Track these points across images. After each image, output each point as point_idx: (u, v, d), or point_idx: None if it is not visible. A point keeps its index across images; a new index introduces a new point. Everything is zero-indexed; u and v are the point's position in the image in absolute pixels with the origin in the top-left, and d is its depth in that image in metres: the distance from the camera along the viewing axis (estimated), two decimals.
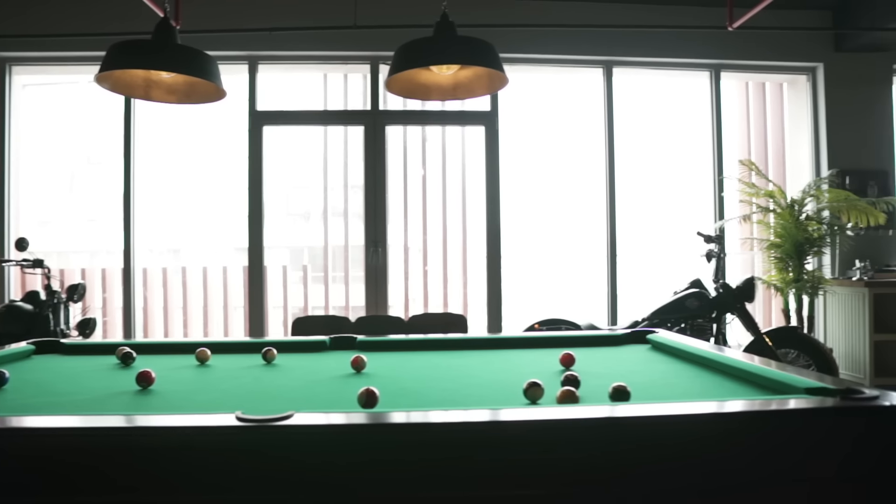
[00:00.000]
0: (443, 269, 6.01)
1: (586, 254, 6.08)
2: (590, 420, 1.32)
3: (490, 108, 5.76)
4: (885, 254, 6.15)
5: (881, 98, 6.28)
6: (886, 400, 1.38)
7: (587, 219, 6.10)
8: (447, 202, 5.98)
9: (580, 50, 5.80)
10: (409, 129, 5.92)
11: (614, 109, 5.98)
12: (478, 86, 2.39)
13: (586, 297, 6.07)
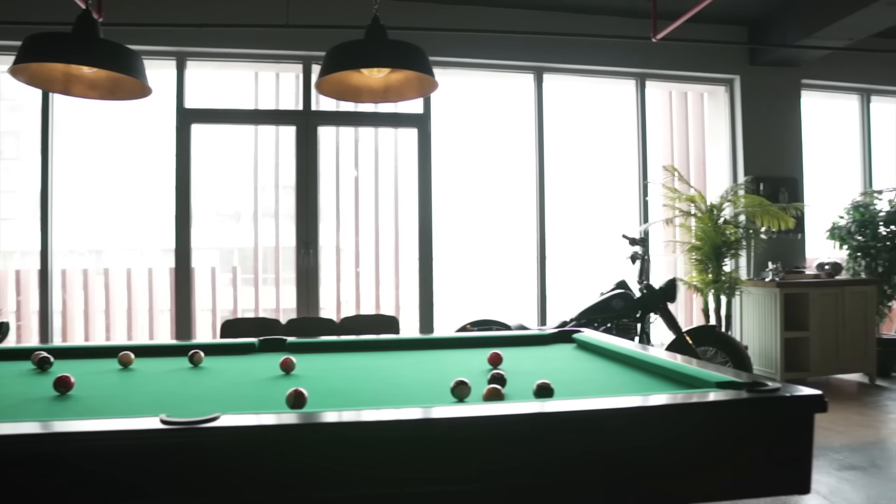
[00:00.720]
0: (375, 271, 6.01)
1: (517, 255, 6.19)
2: (512, 416, 1.37)
3: (423, 111, 5.80)
4: (794, 256, 6.52)
5: (791, 110, 6.66)
6: (786, 392, 1.49)
7: (518, 221, 6.21)
8: (379, 203, 5.98)
9: (512, 55, 5.91)
10: (341, 130, 5.89)
11: (545, 114, 6.11)
12: (408, 89, 2.42)
13: (517, 298, 6.18)
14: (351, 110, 5.73)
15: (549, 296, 6.02)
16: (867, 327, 5.99)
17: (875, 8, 5.25)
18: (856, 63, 6.75)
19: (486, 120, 6.56)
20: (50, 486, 1.18)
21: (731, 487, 1.49)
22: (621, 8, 5.95)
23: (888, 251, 6.41)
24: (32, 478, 1.18)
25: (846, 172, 7.28)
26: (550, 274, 6.06)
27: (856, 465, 3.72)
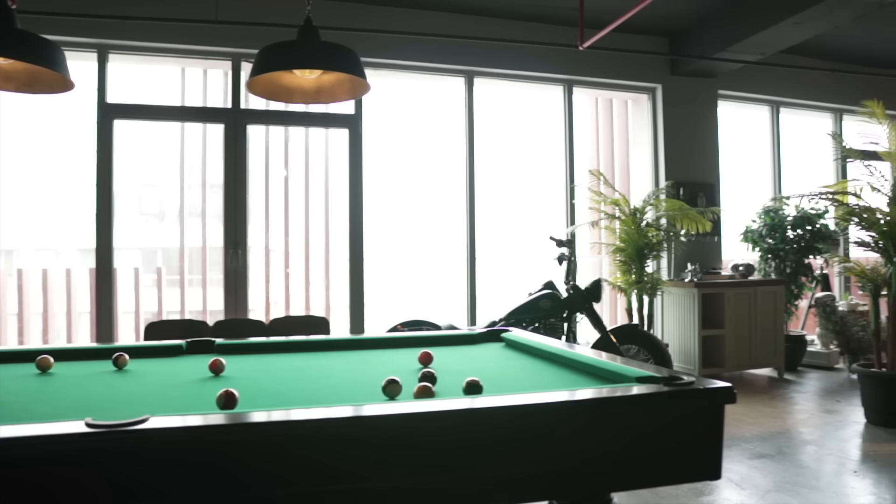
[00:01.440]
0: (305, 272, 5.94)
1: (448, 256, 6.25)
2: (442, 412, 1.41)
3: (354, 112, 5.79)
4: (711, 258, 6.85)
5: (709, 118, 7.00)
6: (700, 385, 1.59)
7: (449, 222, 6.27)
8: (310, 204, 5.92)
9: (444, 59, 5.98)
10: (271, 129, 5.81)
11: (475, 117, 6.21)
12: (340, 91, 2.43)
13: (447, 299, 6.25)
14: (281, 109, 5.65)
15: (479, 296, 6.11)
16: (776, 325, 6.35)
17: (783, 26, 5.60)
18: (767, 76, 7.16)
19: (419, 122, 6.60)
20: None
21: (650, 476, 1.59)
22: (550, 16, 6.10)
23: (795, 253, 6.82)
24: None
25: (758, 179, 7.70)
26: (480, 274, 6.15)
27: (765, 453, 3.95)
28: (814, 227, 6.81)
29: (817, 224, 6.81)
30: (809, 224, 6.81)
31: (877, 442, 4.23)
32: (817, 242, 6.80)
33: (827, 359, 6.86)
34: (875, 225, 4.59)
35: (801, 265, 6.87)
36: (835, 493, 3.31)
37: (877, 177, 4.62)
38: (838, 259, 6.23)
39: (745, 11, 5.86)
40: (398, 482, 1.33)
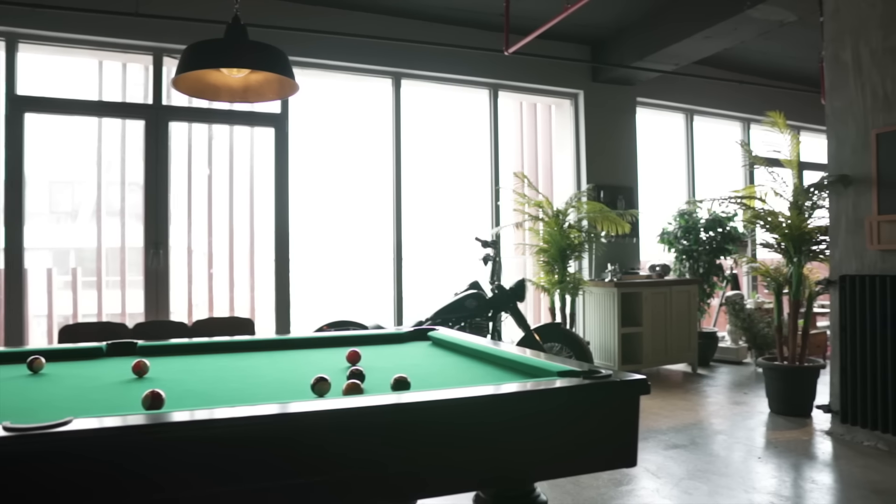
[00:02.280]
0: (229, 272, 5.82)
1: (375, 257, 6.26)
2: (371, 408, 1.44)
3: (280, 111, 5.73)
4: (629, 258, 7.13)
5: (627, 124, 7.29)
6: (616, 377, 1.68)
7: (376, 223, 6.29)
8: (234, 203, 5.80)
9: (371, 60, 5.99)
10: (194, 126, 5.67)
11: (402, 118, 6.25)
12: (268, 90, 2.43)
13: (374, 299, 6.26)
14: (205, 107, 5.52)
15: (406, 296, 6.16)
16: (690, 322, 6.68)
17: (695, 39, 5.91)
18: (681, 86, 7.52)
19: (346, 122, 6.58)
20: None
21: (572, 465, 1.66)
22: (477, 21, 6.21)
23: (707, 254, 7.18)
24: None
25: (674, 183, 8.07)
26: (407, 275, 6.20)
27: (679, 443, 4.16)
28: (724, 230, 7.19)
29: (727, 226, 7.20)
30: (720, 226, 7.19)
31: (779, 429, 4.53)
32: (727, 244, 7.18)
33: (736, 354, 7.26)
34: (778, 228, 4.90)
35: (712, 265, 7.24)
36: (741, 478, 3.53)
37: (779, 183, 4.94)
38: (746, 260, 6.61)
39: (661, 24, 6.14)
40: (326, 476, 1.34)
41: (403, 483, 1.43)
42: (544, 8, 5.61)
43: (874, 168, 4.13)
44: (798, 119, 8.14)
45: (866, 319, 4.06)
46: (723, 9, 5.42)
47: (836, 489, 3.43)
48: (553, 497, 3.18)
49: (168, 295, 5.29)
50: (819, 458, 3.91)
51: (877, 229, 4.11)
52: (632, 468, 3.61)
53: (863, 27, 4.25)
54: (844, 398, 4.20)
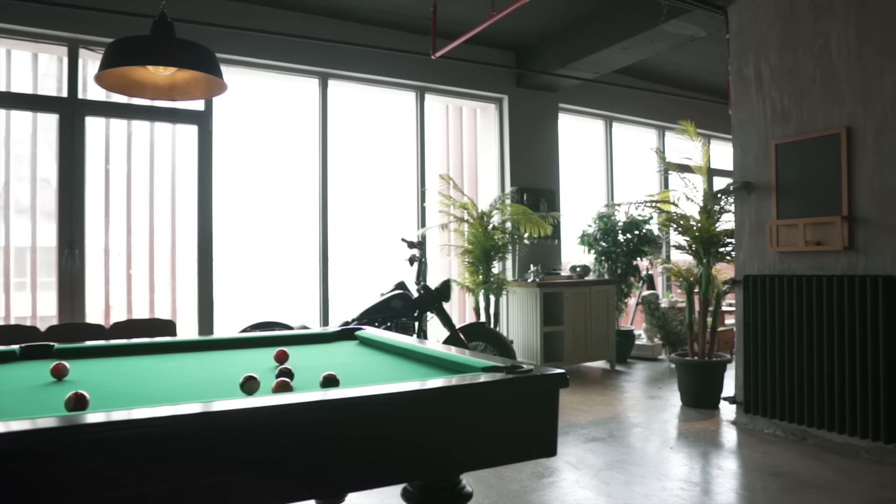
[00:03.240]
0: (149, 273, 5.64)
1: (300, 257, 6.21)
2: (302, 404, 1.46)
3: (204, 108, 5.60)
4: (551, 259, 7.35)
5: (550, 129, 7.50)
6: (537, 372, 1.77)
7: (302, 223, 6.23)
8: (155, 202, 5.63)
9: (298, 59, 5.94)
10: (112, 122, 5.46)
11: (329, 119, 6.23)
12: (195, 89, 2.41)
13: (299, 300, 6.20)
14: (124, 102, 5.32)
15: (332, 297, 6.14)
16: (609, 321, 6.94)
17: (614, 49, 6.17)
18: (601, 93, 7.80)
19: (272, 122, 6.49)
20: None
21: (495, 456, 1.74)
22: (405, 24, 6.27)
23: (625, 255, 7.49)
24: None
25: (593, 186, 8.36)
26: (333, 275, 6.18)
27: (598, 437, 4.34)
28: (641, 232, 7.51)
29: (643, 229, 7.52)
30: (637, 229, 7.51)
31: (689, 421, 4.79)
32: (643, 246, 7.51)
33: (652, 351, 7.60)
34: (689, 230, 5.18)
35: (630, 266, 7.55)
36: (655, 467, 3.73)
37: (691, 188, 5.22)
38: (661, 261, 6.94)
39: (583, 34, 6.37)
40: (259, 473, 1.36)
41: (334, 477, 1.47)
42: (471, 13, 5.74)
43: (773, 176, 4.44)
44: (709, 128, 8.60)
45: (767, 316, 4.35)
46: (640, 22, 5.69)
47: (740, 474, 3.68)
48: (478, 491, 3.27)
49: (84, 296, 5.09)
50: (725, 446, 4.17)
51: (776, 233, 4.42)
52: (553, 462, 3.76)
53: (763, 46, 4.56)
54: (747, 390, 4.49)
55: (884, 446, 3.75)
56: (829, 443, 4.04)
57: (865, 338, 3.77)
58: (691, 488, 3.40)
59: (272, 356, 2.33)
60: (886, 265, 3.82)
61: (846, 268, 4.02)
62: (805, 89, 4.29)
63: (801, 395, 4.11)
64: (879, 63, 3.87)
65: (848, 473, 3.56)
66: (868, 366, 3.75)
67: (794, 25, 4.36)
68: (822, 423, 4.00)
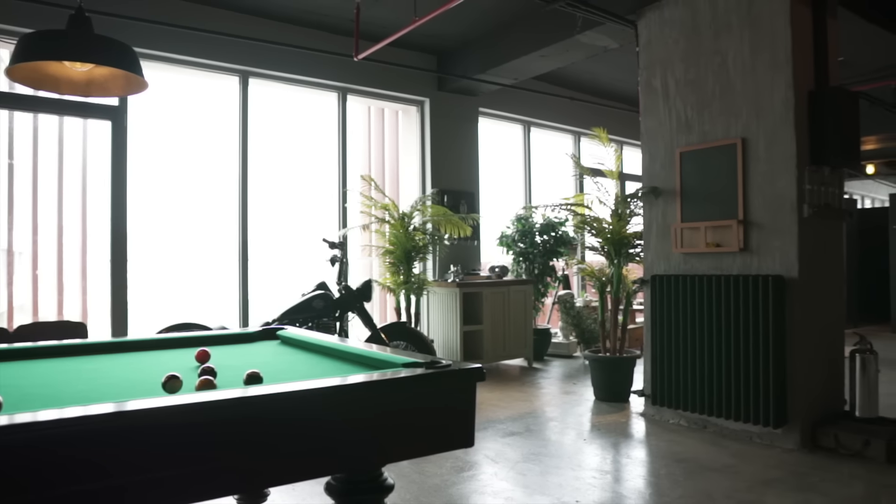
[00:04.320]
0: (58, 274, 5.39)
1: (219, 257, 6.09)
2: (227, 400, 1.49)
3: (118, 103, 5.42)
4: (471, 260, 7.50)
5: (470, 133, 7.66)
6: (456, 367, 1.85)
7: (221, 223, 6.12)
8: (64, 200, 5.39)
9: (218, 56, 5.83)
10: (16, 115, 5.20)
11: (249, 118, 6.14)
12: (114, 86, 2.36)
13: (218, 301, 6.09)
14: (29, 94, 5.06)
15: (252, 297, 6.05)
16: (527, 320, 7.15)
17: (532, 57, 6.38)
18: (520, 98, 8.02)
19: (190, 119, 6.32)
20: None
21: (416, 448, 1.81)
22: (328, 24, 6.26)
23: (542, 256, 7.73)
24: None
25: (512, 189, 8.58)
26: (253, 276, 6.09)
27: (515, 431, 4.49)
28: (557, 234, 7.77)
29: (559, 231, 7.79)
30: (553, 231, 7.77)
31: (602, 414, 5.02)
32: (559, 247, 7.77)
33: (567, 348, 7.87)
34: (602, 232, 5.43)
35: (546, 267, 7.80)
36: (569, 458, 3.90)
37: (603, 192, 5.47)
38: (576, 262, 7.21)
39: (503, 41, 6.55)
40: (184, 469, 1.37)
41: (257, 472, 1.49)
42: (394, 17, 5.80)
43: (678, 182, 4.73)
44: (621, 134, 8.99)
45: (672, 313, 4.63)
46: (556, 32, 5.91)
47: (647, 461, 3.91)
48: (399, 486, 3.34)
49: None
50: (634, 437, 4.41)
51: (680, 235, 4.71)
52: (473, 456, 3.88)
53: (669, 60, 4.85)
54: (655, 383, 4.75)
55: (773, 431, 4.07)
56: (726, 430, 4.34)
57: (758, 332, 4.07)
58: (603, 476, 3.59)
59: (193, 356, 2.32)
60: (776, 265, 4.14)
61: (741, 267, 4.33)
62: (706, 102, 4.59)
63: (702, 387, 4.40)
64: (770, 80, 4.20)
65: (742, 457, 3.85)
66: (760, 358, 4.05)
67: (696, 41, 4.66)
68: (720, 412, 4.29)
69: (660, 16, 4.92)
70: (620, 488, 3.45)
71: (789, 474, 3.54)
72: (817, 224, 4.19)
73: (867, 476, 3.51)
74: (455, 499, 3.26)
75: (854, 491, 3.32)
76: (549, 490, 3.36)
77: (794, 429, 4.02)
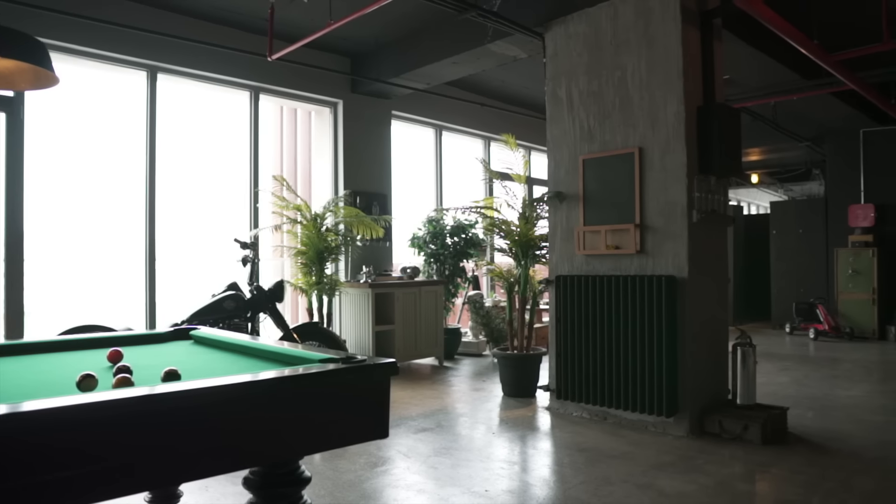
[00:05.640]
0: None
1: (125, 258, 5.89)
2: (149, 396, 1.49)
3: (14, 94, 5.15)
4: (383, 261, 7.58)
5: (383, 135, 7.74)
6: (370, 362, 1.94)
7: (126, 223, 5.92)
8: None
9: (126, 50, 5.63)
10: None
11: (158, 115, 5.97)
12: (21, 80, 2.30)
13: (123, 302, 5.89)
14: None
15: (160, 298, 5.89)
16: (437, 320, 7.30)
17: (444, 63, 6.54)
18: (433, 103, 8.17)
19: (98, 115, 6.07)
20: None
21: (333, 439, 1.87)
22: (241, 22, 6.17)
23: (452, 257, 7.90)
24: None
25: (424, 191, 8.72)
26: (161, 276, 5.93)
27: (427, 427, 4.61)
28: (467, 236, 7.97)
29: (469, 233, 7.99)
30: (464, 233, 7.96)
31: (510, 409, 5.22)
32: (469, 249, 7.98)
33: (477, 347, 8.08)
34: (510, 235, 5.64)
35: (457, 268, 7.98)
36: (479, 451, 4.06)
37: (511, 196, 5.69)
38: (485, 263, 7.43)
39: (416, 46, 6.68)
40: (103, 465, 1.37)
41: (173, 468, 1.50)
42: (308, 18, 5.81)
43: (581, 187, 5.00)
44: (529, 140, 9.31)
45: (575, 312, 4.88)
46: (468, 40, 6.09)
47: (552, 451, 4.13)
48: (314, 483, 3.38)
49: None
50: (540, 429, 4.63)
51: (582, 237, 4.98)
52: (386, 452, 3.97)
53: (574, 72, 5.12)
54: (559, 378, 5.00)
55: (666, 420, 4.39)
56: (625, 420, 4.63)
57: (652, 329, 4.38)
58: (511, 467, 3.77)
59: (105, 357, 2.29)
60: (668, 266, 4.47)
61: (638, 268, 4.64)
62: (607, 112, 4.88)
63: (603, 381, 4.67)
64: (664, 94, 4.53)
65: (638, 445, 4.13)
66: (654, 353, 4.36)
67: (599, 55, 4.94)
68: (619, 404, 4.57)
69: (565, 30, 5.18)
70: (527, 477, 3.64)
71: (679, 458, 3.83)
72: (705, 228, 4.55)
73: (745, 457, 3.86)
74: (369, 493, 3.34)
75: (734, 470, 3.65)
76: (460, 481, 3.50)
77: (684, 417, 4.35)
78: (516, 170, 5.89)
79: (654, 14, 4.58)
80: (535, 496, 3.30)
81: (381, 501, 3.25)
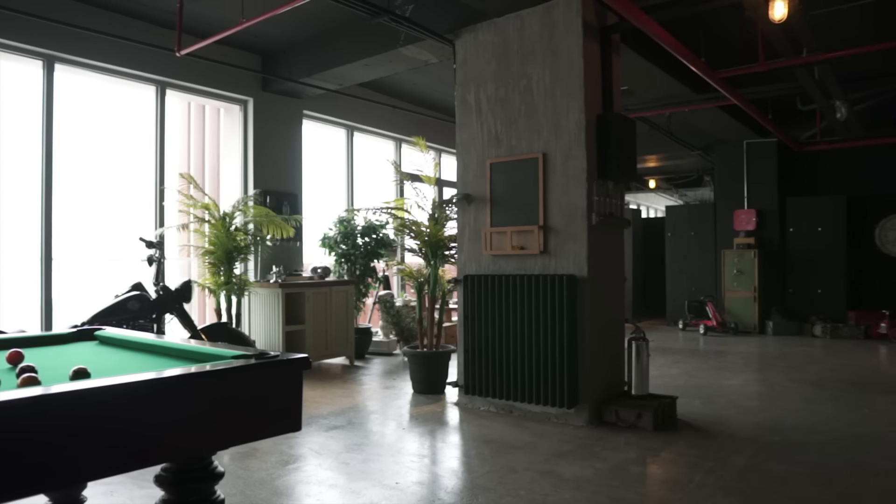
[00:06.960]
0: None
1: (17, 257, 5.61)
2: (56, 395, 1.47)
3: None
4: (293, 261, 7.54)
5: (294, 135, 7.70)
6: (283, 357, 2.00)
7: (19, 220, 5.63)
8: None
9: (19, 37, 5.35)
10: None
11: (55, 107, 5.71)
12: None
13: (15, 303, 5.60)
14: None
15: (56, 299, 5.63)
16: (348, 319, 7.33)
17: (356, 65, 6.60)
18: (345, 104, 8.20)
19: None
20: None
21: (247, 433, 1.92)
22: (148, 14, 6.00)
23: (363, 258, 7.96)
24: None
25: (335, 192, 8.72)
26: (58, 276, 5.67)
27: (338, 425, 4.67)
28: (378, 236, 8.05)
29: (380, 233, 8.07)
30: (374, 233, 8.03)
31: (420, 405, 5.35)
32: (380, 249, 8.05)
33: (388, 346, 8.17)
34: (420, 235, 5.77)
35: (368, 268, 8.04)
36: (390, 446, 4.16)
37: (421, 197, 5.82)
38: (395, 263, 7.52)
39: (328, 47, 6.69)
40: (13, 463, 1.37)
41: (82, 466, 1.50)
42: (219, 14, 5.73)
43: (488, 190, 5.19)
44: (440, 143, 9.49)
45: (482, 310, 5.07)
46: (380, 44, 6.18)
47: (460, 444, 4.28)
48: (225, 482, 3.36)
49: None
50: (449, 424, 4.78)
51: (490, 238, 5.17)
52: (297, 450, 4.01)
53: (482, 79, 5.31)
54: (467, 374, 5.17)
55: (567, 411, 4.64)
56: (529, 413, 4.85)
57: (555, 325, 4.62)
58: (421, 460, 3.89)
59: (4, 359, 2.23)
60: (570, 266, 4.73)
61: (542, 268, 4.88)
62: (513, 119, 5.10)
63: (509, 376, 4.88)
64: (566, 103, 4.78)
65: (541, 435, 4.35)
66: (556, 347, 4.60)
67: (506, 64, 5.15)
68: (524, 398, 4.79)
69: (475, 37, 5.37)
70: (436, 469, 3.77)
71: (579, 446, 4.08)
72: (603, 230, 4.84)
73: (638, 442, 4.16)
74: (281, 489, 3.38)
75: (628, 455, 3.92)
76: (372, 475, 3.59)
77: (583, 408, 4.62)
78: (426, 172, 6.03)
79: (557, 27, 4.83)
80: (444, 486, 3.44)
81: (294, 498, 3.30)
